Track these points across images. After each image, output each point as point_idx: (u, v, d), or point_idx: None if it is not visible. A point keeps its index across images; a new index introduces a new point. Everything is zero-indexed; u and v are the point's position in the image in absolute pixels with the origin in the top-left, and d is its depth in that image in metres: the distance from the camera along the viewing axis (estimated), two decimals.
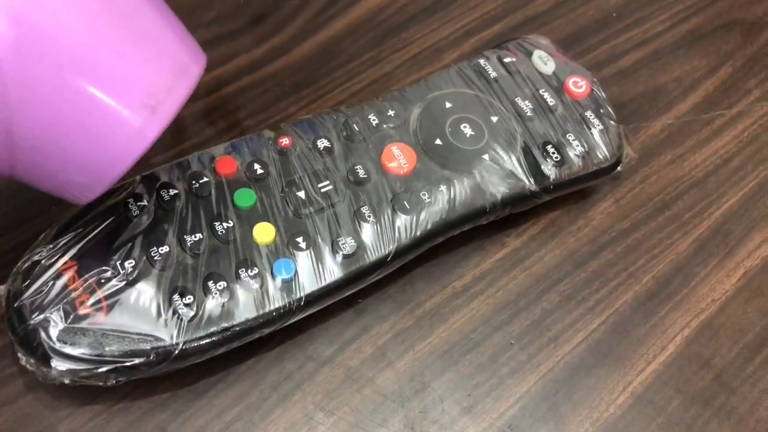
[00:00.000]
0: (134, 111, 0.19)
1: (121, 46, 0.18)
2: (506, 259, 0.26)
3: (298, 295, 0.22)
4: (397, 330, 0.25)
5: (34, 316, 0.20)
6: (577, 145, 0.26)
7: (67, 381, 0.21)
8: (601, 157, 0.26)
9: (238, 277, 0.22)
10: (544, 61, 0.28)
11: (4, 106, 0.17)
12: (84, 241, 0.22)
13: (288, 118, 0.29)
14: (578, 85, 0.27)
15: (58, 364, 0.20)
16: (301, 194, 0.23)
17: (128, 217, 0.22)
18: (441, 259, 0.26)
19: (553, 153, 0.25)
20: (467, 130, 0.26)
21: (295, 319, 0.22)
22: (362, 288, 0.24)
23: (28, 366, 0.21)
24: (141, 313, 0.21)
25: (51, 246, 0.21)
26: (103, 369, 0.20)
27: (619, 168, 0.27)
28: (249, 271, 0.22)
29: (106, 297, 0.21)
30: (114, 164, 0.19)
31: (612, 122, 0.27)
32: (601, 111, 0.27)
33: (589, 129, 0.26)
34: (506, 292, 0.26)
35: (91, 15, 0.18)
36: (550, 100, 0.27)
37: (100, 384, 0.21)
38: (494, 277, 0.26)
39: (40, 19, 0.17)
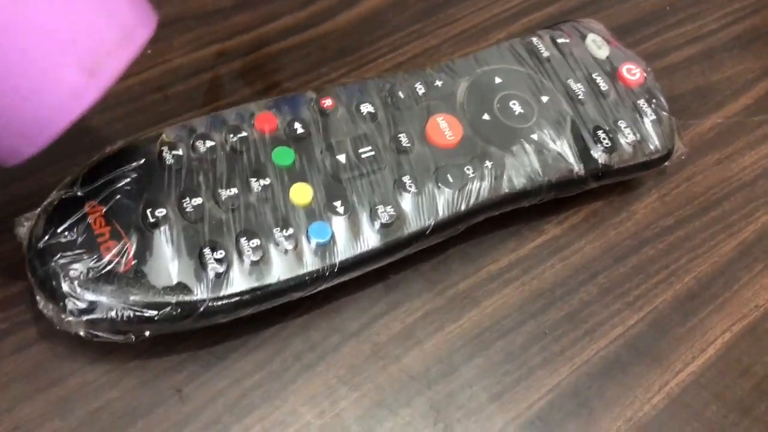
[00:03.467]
0: (71, 72, 0.17)
1: (61, 1, 0.17)
2: (544, 247, 0.25)
3: (332, 261, 0.21)
4: (428, 309, 0.24)
5: (56, 258, 0.19)
6: (629, 133, 0.25)
7: (82, 333, 0.20)
8: (652, 147, 0.25)
9: (272, 236, 0.21)
10: (598, 46, 0.27)
11: None
12: (114, 186, 0.21)
13: (329, 83, 0.28)
14: (632, 72, 0.26)
15: (78, 311, 0.19)
16: (342, 158, 0.22)
17: (161, 165, 0.21)
18: (477, 241, 0.25)
19: (604, 139, 0.24)
20: (516, 108, 0.25)
21: (326, 286, 0.21)
22: (395, 262, 0.23)
23: (45, 311, 0.20)
24: (168, 264, 0.20)
25: (79, 187, 0.20)
26: (124, 319, 0.19)
27: (667, 162, 0.26)
28: (284, 231, 0.21)
29: (133, 244, 0.20)
30: (46, 127, 0.18)
31: (665, 113, 0.26)
32: (654, 101, 0.26)
33: (642, 118, 0.25)
34: (542, 280, 0.25)
35: None
36: (603, 85, 0.26)
37: (118, 340, 0.20)
38: (531, 264, 0.25)
39: None
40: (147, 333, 0.20)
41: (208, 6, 0.29)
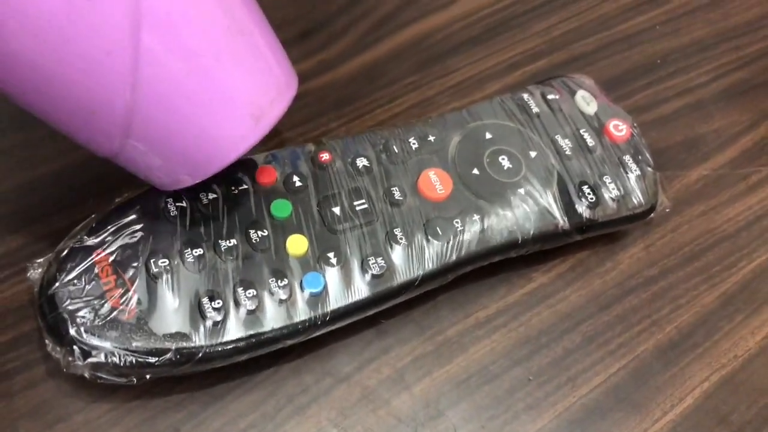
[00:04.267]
0: (242, 119, 0.21)
1: (240, 60, 0.21)
2: (532, 295, 0.26)
3: (324, 310, 0.22)
4: (417, 354, 0.25)
5: (65, 305, 0.21)
6: (613, 188, 0.26)
7: (87, 375, 0.21)
8: (635, 202, 0.26)
9: (268, 286, 0.22)
10: (587, 102, 0.28)
11: (133, 84, 0.19)
12: (121, 236, 0.22)
13: (328, 133, 0.29)
14: (619, 128, 0.27)
15: (84, 355, 0.20)
16: (337, 210, 0.23)
17: (166, 216, 0.22)
18: (467, 288, 0.26)
19: (589, 194, 0.26)
20: (505, 162, 0.26)
21: (319, 333, 0.23)
22: (386, 309, 0.24)
23: (53, 353, 0.21)
24: (169, 312, 0.21)
25: (88, 237, 0.22)
26: (126, 364, 0.20)
27: (651, 215, 0.27)
28: (279, 281, 0.22)
29: (137, 293, 0.21)
30: (211, 162, 0.21)
31: (649, 169, 0.27)
32: (640, 157, 0.27)
33: (626, 173, 0.26)
34: (529, 327, 0.26)
35: (221, 29, 0.20)
36: (590, 141, 0.27)
37: (121, 382, 0.21)
38: (518, 311, 0.26)
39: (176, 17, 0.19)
40: (148, 376, 0.21)
41: None
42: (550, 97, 0.28)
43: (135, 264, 0.21)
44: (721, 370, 0.26)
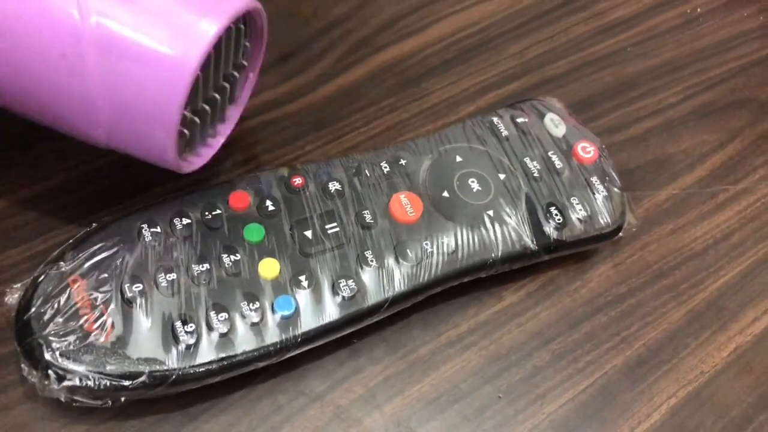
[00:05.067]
0: (167, 45, 0.21)
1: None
2: (502, 313, 0.27)
3: (295, 332, 0.23)
4: (389, 373, 0.25)
5: (40, 330, 0.21)
6: (580, 209, 0.27)
7: (62, 398, 0.21)
8: (602, 222, 0.27)
9: (240, 309, 0.22)
10: (556, 125, 0.28)
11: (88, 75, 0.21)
12: (96, 260, 0.22)
13: (304, 156, 0.30)
14: (587, 150, 0.28)
15: (59, 379, 0.21)
16: (309, 233, 0.24)
17: (141, 241, 0.23)
18: (438, 307, 0.27)
19: (556, 215, 0.26)
20: (474, 185, 0.26)
21: (291, 355, 0.23)
22: (359, 328, 0.25)
23: (29, 377, 0.22)
24: (143, 336, 0.21)
25: (64, 262, 0.22)
26: (101, 387, 0.21)
27: (620, 233, 0.28)
28: (251, 305, 0.22)
29: (112, 317, 0.22)
30: (167, 105, 0.21)
31: (616, 189, 0.28)
32: (607, 178, 0.28)
33: (594, 194, 0.27)
34: (499, 345, 0.26)
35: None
36: (558, 163, 0.27)
37: (96, 405, 0.22)
38: (489, 329, 0.27)
39: None
40: (122, 399, 0.21)
41: None
42: (519, 120, 0.28)
43: (109, 289, 0.22)
44: (688, 386, 0.26)
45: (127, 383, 0.21)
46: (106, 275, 0.22)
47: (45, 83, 0.21)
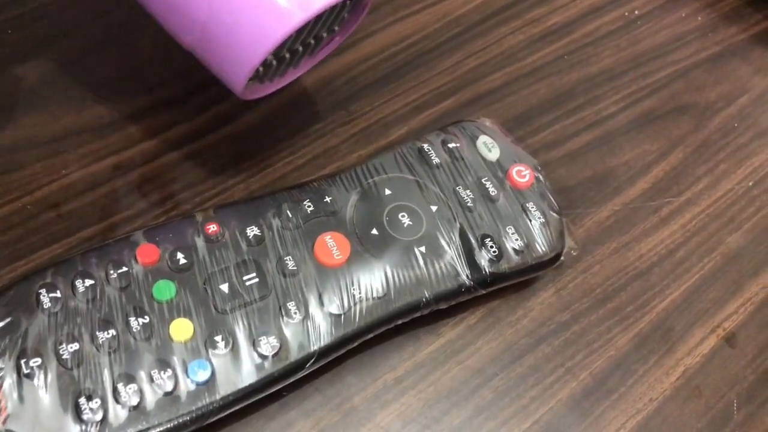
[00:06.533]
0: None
1: None
2: (441, 351, 0.26)
3: (213, 398, 0.21)
4: (323, 426, 0.24)
5: None
6: (516, 239, 0.25)
7: None
8: (540, 251, 0.26)
9: (151, 378, 0.21)
10: (489, 148, 0.27)
11: None
12: None
13: (226, 191, 0.28)
14: (522, 174, 0.27)
15: None
16: (224, 287, 0.22)
17: (39, 307, 0.21)
18: (373, 350, 0.25)
19: (492, 247, 0.25)
20: (405, 220, 0.25)
21: (210, 421, 0.21)
22: None
23: None
24: (44, 416, 0.20)
25: None
26: None
27: (561, 259, 0.26)
28: (162, 372, 0.21)
29: (7, 397, 0.20)
30: (256, 46, 0.23)
31: (554, 214, 0.26)
32: (544, 202, 0.26)
33: (530, 221, 0.26)
34: (439, 386, 0.25)
35: None
36: (492, 190, 0.26)
37: None
38: (427, 370, 0.25)
39: None
40: None
41: (104, 118, 0.29)
42: (450, 145, 0.27)
43: (3, 366, 0.20)
44: (637, 415, 0.25)
45: None
46: (0, 350, 0.20)
47: None
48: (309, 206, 0.25)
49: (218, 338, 0.21)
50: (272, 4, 0.22)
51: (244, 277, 0.23)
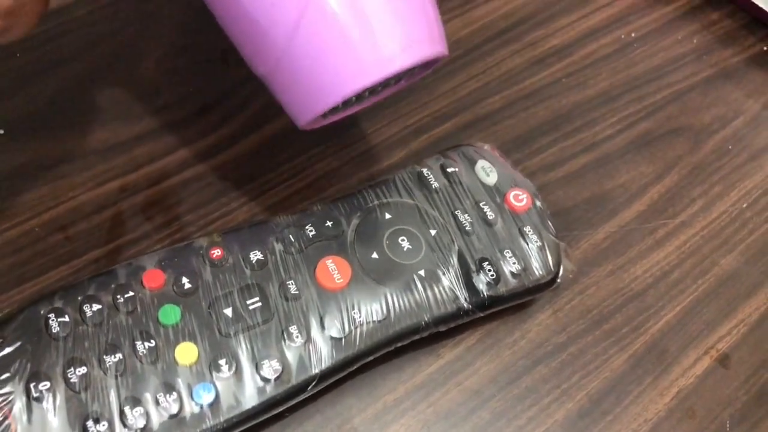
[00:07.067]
0: (386, 46, 0.23)
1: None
2: (440, 372, 0.26)
3: (218, 420, 0.21)
4: None
5: None
6: (514, 263, 0.26)
7: None
8: (537, 274, 0.26)
9: (156, 401, 0.21)
10: (487, 173, 0.28)
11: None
12: None
13: (229, 214, 0.28)
14: (519, 198, 0.27)
15: None
16: (228, 312, 0.23)
17: (48, 332, 0.22)
18: (374, 371, 0.26)
19: (489, 270, 0.25)
20: (405, 244, 0.26)
21: None
22: None
23: None
24: None
25: None
26: None
27: (557, 282, 0.27)
28: (168, 396, 0.21)
29: (16, 421, 0.20)
30: (359, 77, 0.23)
31: (551, 237, 0.27)
32: (541, 225, 0.27)
33: (528, 245, 0.26)
34: (437, 407, 0.26)
35: None
36: (490, 214, 0.27)
37: None
38: (427, 391, 0.26)
39: None
40: None
41: (109, 140, 0.29)
42: (449, 170, 0.27)
43: (12, 389, 0.20)
44: None
45: None
46: (8, 374, 0.21)
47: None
48: (311, 230, 0.25)
49: (222, 362, 0.22)
50: (352, 58, 0.23)
51: (248, 301, 0.23)
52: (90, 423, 0.20)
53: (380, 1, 0.23)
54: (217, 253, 0.24)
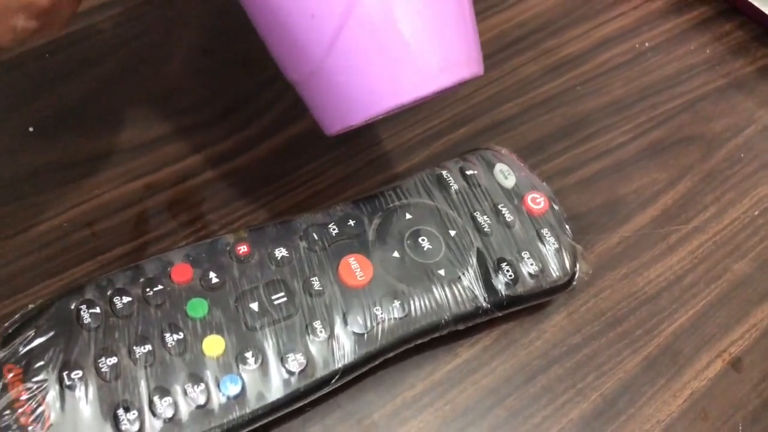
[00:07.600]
0: (425, 66, 0.23)
1: (447, 18, 0.23)
2: (457, 370, 0.27)
3: (243, 411, 0.22)
4: None
5: None
6: (532, 264, 0.26)
7: None
8: (554, 275, 0.27)
9: (185, 392, 0.22)
10: (505, 176, 0.28)
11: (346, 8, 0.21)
12: (32, 346, 0.21)
13: (251, 213, 0.29)
14: (537, 201, 0.28)
15: None
16: (254, 306, 0.23)
17: (79, 323, 0.22)
18: (393, 368, 0.26)
19: (508, 271, 0.26)
20: (425, 243, 0.26)
21: None
22: None
23: None
24: (85, 426, 0.21)
25: None
26: None
27: (573, 283, 0.28)
28: (196, 386, 0.22)
29: (50, 408, 0.21)
30: (394, 96, 0.23)
31: (568, 239, 0.27)
32: (558, 228, 0.27)
33: (545, 246, 0.27)
34: (455, 405, 0.26)
35: None
36: (509, 216, 0.27)
37: None
38: (445, 388, 0.26)
39: None
40: None
41: (135, 139, 0.30)
42: (468, 172, 0.28)
43: (46, 377, 0.21)
44: None
45: None
46: (42, 362, 0.21)
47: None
48: (334, 229, 0.26)
49: (248, 354, 0.23)
50: (389, 76, 0.22)
51: (273, 297, 0.24)
52: (120, 411, 0.21)
53: (422, 20, 0.22)
54: (243, 249, 0.25)
